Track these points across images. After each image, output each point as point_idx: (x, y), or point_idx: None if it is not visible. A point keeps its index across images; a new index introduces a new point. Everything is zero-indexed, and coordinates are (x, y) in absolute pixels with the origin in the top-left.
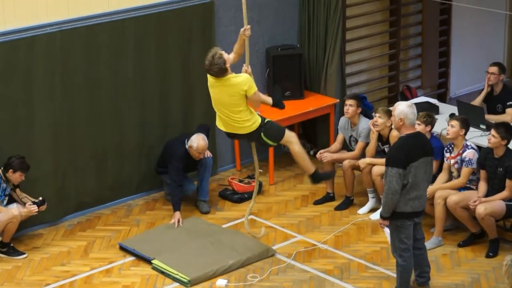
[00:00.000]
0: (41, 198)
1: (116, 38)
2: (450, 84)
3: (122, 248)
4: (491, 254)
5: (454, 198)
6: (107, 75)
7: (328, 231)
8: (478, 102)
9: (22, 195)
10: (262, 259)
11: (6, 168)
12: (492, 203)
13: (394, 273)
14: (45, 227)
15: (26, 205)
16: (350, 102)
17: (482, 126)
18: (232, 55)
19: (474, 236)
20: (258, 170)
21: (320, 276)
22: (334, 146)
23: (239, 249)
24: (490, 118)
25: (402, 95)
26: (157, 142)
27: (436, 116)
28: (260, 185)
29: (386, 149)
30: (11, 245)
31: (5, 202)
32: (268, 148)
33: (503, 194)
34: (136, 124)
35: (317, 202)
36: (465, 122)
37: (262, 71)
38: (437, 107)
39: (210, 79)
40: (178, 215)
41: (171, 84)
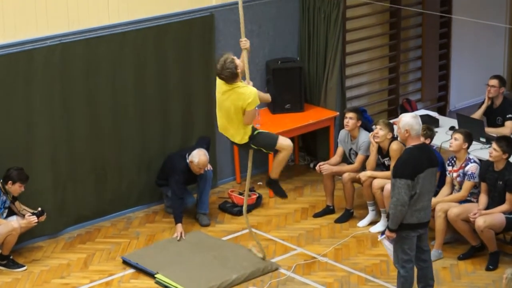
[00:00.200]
0: (40, 209)
1: (116, 51)
2: (450, 97)
3: (125, 262)
4: (491, 267)
5: (455, 211)
6: (107, 88)
7: (328, 244)
8: (478, 115)
9: (21, 208)
10: (266, 274)
11: (5, 180)
12: (491, 216)
13: (394, 286)
14: (44, 240)
15: (25, 216)
16: (350, 115)
17: (482, 139)
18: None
19: (474, 249)
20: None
21: None
22: (334, 159)
23: (243, 263)
24: (490, 131)
25: (402, 108)
26: (156, 155)
27: (436, 129)
28: (259, 198)
29: (386, 162)
30: (11, 257)
31: (4, 214)
32: (267, 155)
33: (503, 207)
34: (135, 136)
35: (317, 215)
36: (468, 136)
37: (262, 84)
38: (437, 120)
39: (221, 86)
40: (180, 228)
41: (171, 97)
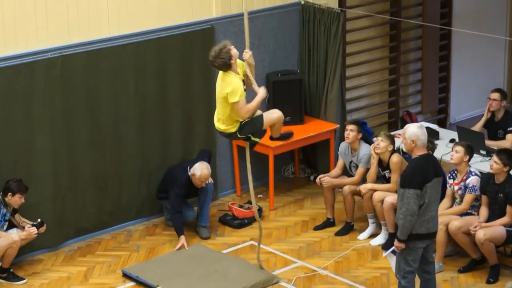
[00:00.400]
0: (39, 220)
1: (116, 63)
2: (450, 109)
3: (125, 275)
4: (492, 280)
5: (455, 224)
6: (108, 100)
7: (328, 257)
8: (478, 127)
9: (21, 220)
10: (266, 287)
11: (5, 192)
12: (492, 229)
13: None
14: (44, 253)
15: (25, 227)
16: (350, 127)
17: (482, 151)
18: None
19: (475, 262)
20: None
21: None
22: (335, 172)
23: (244, 276)
24: (490, 144)
25: (402, 121)
26: (157, 168)
27: (436, 141)
28: (260, 210)
29: (387, 174)
30: (11, 270)
31: (5, 227)
32: (254, 145)
33: (504, 220)
34: (136, 149)
35: (317, 228)
36: (469, 149)
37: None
38: (437, 133)
39: (219, 73)
40: (183, 239)
41: (172, 109)
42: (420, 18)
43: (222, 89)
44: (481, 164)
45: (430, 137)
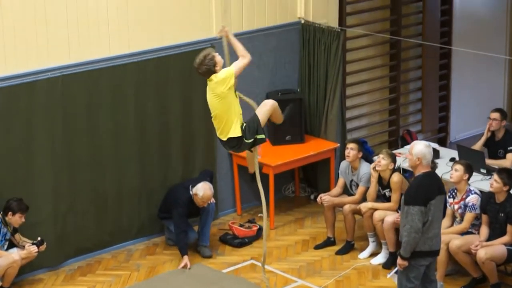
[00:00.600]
0: (39, 238)
1: (117, 83)
2: (450, 128)
3: None
4: None
5: (456, 243)
6: (108, 120)
7: (329, 276)
8: (478, 146)
9: (21, 240)
10: None
11: (5, 211)
12: (493, 248)
13: None
14: (45, 272)
15: (25, 246)
16: (351, 146)
17: (482, 170)
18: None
19: (476, 281)
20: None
21: None
22: (335, 191)
23: None
24: (491, 163)
25: (403, 140)
26: (157, 187)
27: (436, 160)
28: (260, 229)
29: (387, 193)
30: None
31: (5, 246)
32: (259, 143)
33: (504, 239)
34: (136, 168)
35: (317, 247)
36: (469, 167)
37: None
38: (437, 152)
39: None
40: (186, 259)
41: (172, 128)
42: (420, 37)
43: (218, 88)
44: (481, 183)
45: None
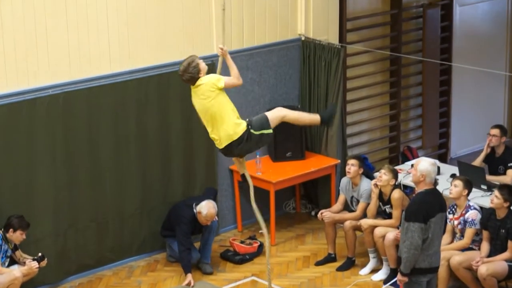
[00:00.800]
0: (40, 254)
1: (118, 99)
2: (450, 144)
3: None
4: None
5: (457, 259)
6: (109, 137)
7: None
8: (477, 162)
9: (22, 256)
10: None
11: (6, 228)
12: (494, 264)
13: None
14: None
15: (26, 262)
16: (352, 162)
17: (483, 186)
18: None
19: None
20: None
21: None
22: (336, 207)
23: None
24: (491, 179)
25: (403, 156)
26: (158, 204)
27: (437, 176)
28: (261, 246)
29: (387, 209)
30: None
31: (6, 263)
32: (265, 142)
33: (505, 255)
34: (137, 185)
35: (318, 263)
36: (468, 183)
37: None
38: (438, 168)
39: (192, 95)
40: (190, 277)
41: (173, 145)
42: (420, 54)
43: (207, 92)
44: (482, 199)
45: None
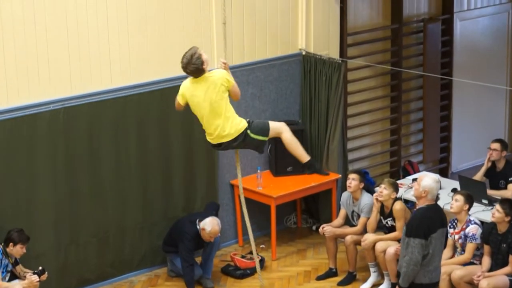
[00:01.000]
0: (40, 268)
1: (119, 115)
2: (451, 159)
3: None
4: None
5: (458, 273)
6: (110, 152)
7: None
8: (478, 177)
9: (22, 271)
10: None
11: (6, 242)
12: (495, 278)
13: None
14: None
15: (26, 276)
16: (353, 176)
17: (484, 201)
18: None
19: None
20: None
21: None
22: (337, 221)
23: None
24: (492, 193)
25: (404, 170)
26: (159, 218)
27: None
28: (262, 260)
29: (389, 222)
30: None
31: (7, 278)
32: (261, 149)
33: (506, 269)
34: (138, 200)
35: (319, 278)
36: (469, 198)
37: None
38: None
39: (188, 87)
40: None
41: (173, 160)
42: (421, 68)
43: (213, 87)
44: (483, 213)
45: None
